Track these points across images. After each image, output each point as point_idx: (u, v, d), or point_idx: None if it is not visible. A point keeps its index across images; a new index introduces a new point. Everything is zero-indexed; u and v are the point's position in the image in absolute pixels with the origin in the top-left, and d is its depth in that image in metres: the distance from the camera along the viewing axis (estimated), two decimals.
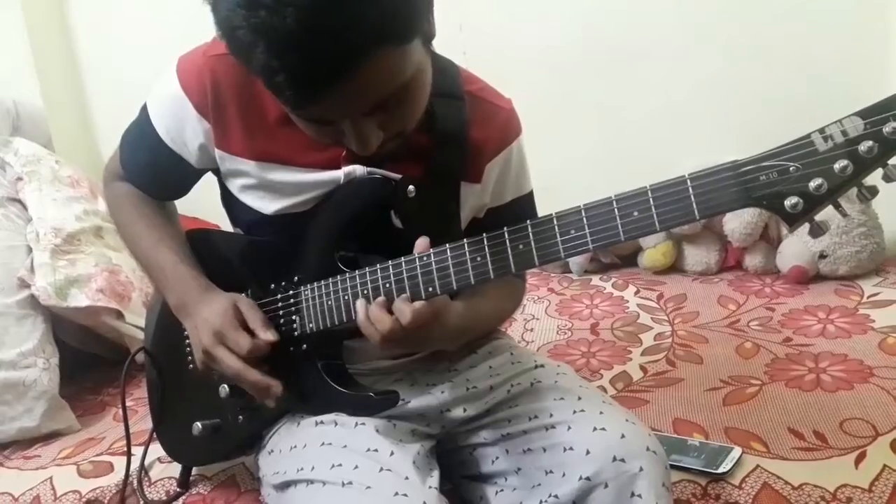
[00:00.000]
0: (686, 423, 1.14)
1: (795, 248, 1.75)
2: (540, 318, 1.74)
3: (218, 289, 0.95)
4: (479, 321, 0.98)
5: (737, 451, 1.02)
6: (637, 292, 1.84)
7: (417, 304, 0.79)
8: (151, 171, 1.00)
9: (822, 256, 1.71)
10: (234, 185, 0.95)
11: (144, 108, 0.97)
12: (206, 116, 0.90)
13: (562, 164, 1.74)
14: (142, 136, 0.97)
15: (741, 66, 1.93)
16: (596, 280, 1.96)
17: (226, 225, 1.06)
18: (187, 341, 1.00)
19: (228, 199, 0.99)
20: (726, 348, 1.42)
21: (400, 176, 0.88)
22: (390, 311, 0.80)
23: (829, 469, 0.97)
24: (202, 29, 0.95)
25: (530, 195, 1.04)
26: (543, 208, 0.85)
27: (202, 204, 1.08)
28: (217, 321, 0.89)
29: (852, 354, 1.31)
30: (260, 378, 0.87)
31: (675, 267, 1.96)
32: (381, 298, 0.81)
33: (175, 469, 1.11)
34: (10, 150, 1.73)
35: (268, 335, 0.89)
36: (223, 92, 0.89)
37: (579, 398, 0.89)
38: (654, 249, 1.94)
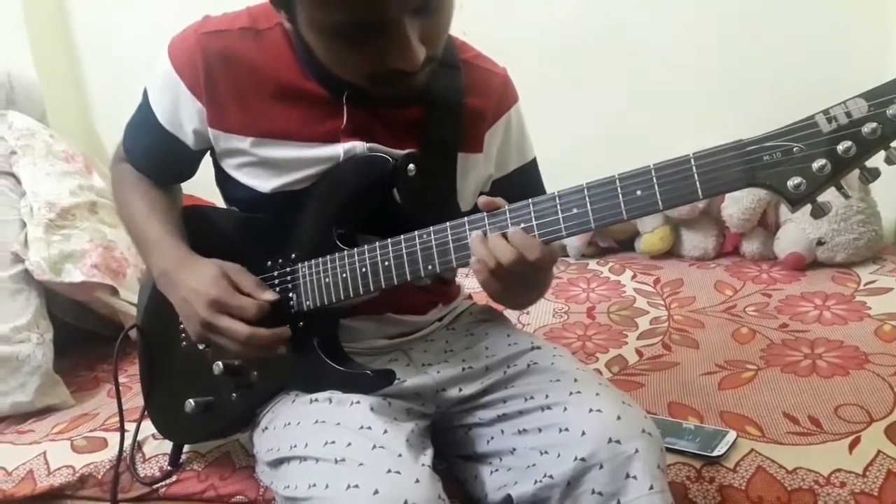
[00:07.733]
0: (681, 406, 1.14)
1: (793, 234, 1.74)
2: None
3: (199, 256, 0.94)
4: (546, 284, 0.97)
5: (732, 435, 1.02)
6: (634, 277, 1.83)
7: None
8: (152, 155, 1.00)
9: (820, 243, 1.71)
10: (230, 164, 0.94)
11: (145, 92, 0.96)
12: (199, 96, 0.90)
13: (560, 143, 1.73)
14: (142, 120, 0.97)
15: (740, 47, 1.93)
16: (593, 264, 1.97)
17: (221, 204, 1.05)
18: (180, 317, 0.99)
19: (223, 179, 0.98)
20: (722, 333, 1.42)
21: (401, 153, 0.87)
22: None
23: (824, 454, 0.97)
24: (198, 4, 0.94)
25: (534, 162, 1.03)
26: None
27: (198, 183, 1.07)
28: (211, 290, 0.87)
29: (848, 341, 1.31)
30: (271, 333, 0.87)
31: (672, 252, 1.96)
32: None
33: (170, 446, 1.11)
34: (4, 123, 1.71)
35: (267, 294, 0.89)
36: (215, 69, 0.88)
37: (575, 380, 0.88)
38: (652, 234, 1.93)
